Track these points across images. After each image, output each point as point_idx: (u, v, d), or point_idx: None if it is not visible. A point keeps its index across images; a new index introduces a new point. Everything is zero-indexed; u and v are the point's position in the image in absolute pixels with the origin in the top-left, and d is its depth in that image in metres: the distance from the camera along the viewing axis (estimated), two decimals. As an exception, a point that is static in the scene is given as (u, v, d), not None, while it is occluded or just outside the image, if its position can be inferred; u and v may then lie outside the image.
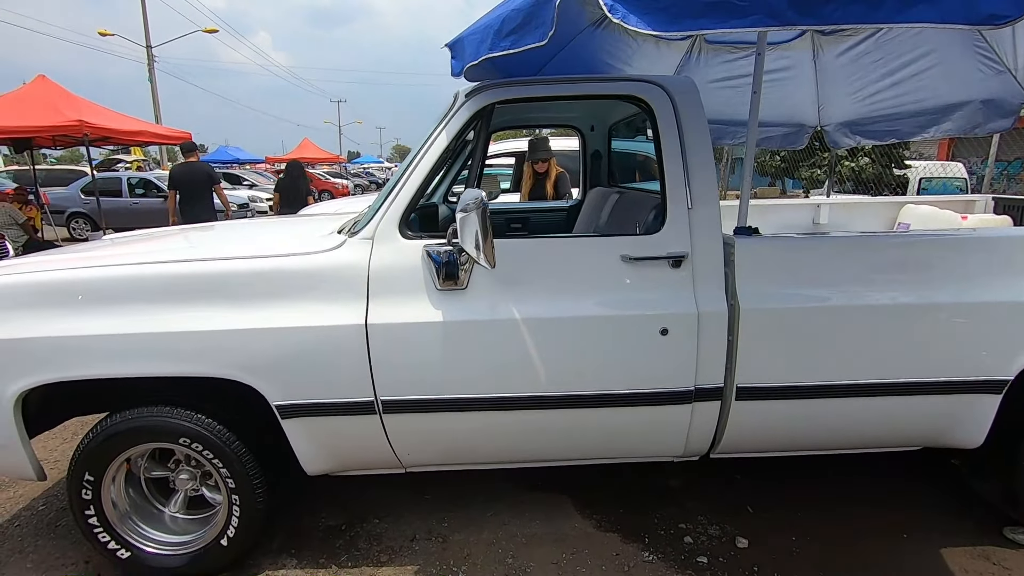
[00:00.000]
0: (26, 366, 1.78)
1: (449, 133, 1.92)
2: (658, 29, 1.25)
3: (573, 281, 1.87)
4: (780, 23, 1.24)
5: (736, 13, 1.23)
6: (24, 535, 2.26)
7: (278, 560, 2.08)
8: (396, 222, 1.88)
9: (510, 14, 1.53)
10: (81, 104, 8.77)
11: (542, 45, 1.43)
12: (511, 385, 1.86)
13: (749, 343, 1.88)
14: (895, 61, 2.61)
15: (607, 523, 2.26)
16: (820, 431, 2.03)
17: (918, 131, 2.94)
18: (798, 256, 1.94)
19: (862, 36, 2.60)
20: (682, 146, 1.90)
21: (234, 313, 1.80)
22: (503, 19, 1.55)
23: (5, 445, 1.86)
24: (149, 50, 23.75)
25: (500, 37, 1.55)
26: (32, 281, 1.83)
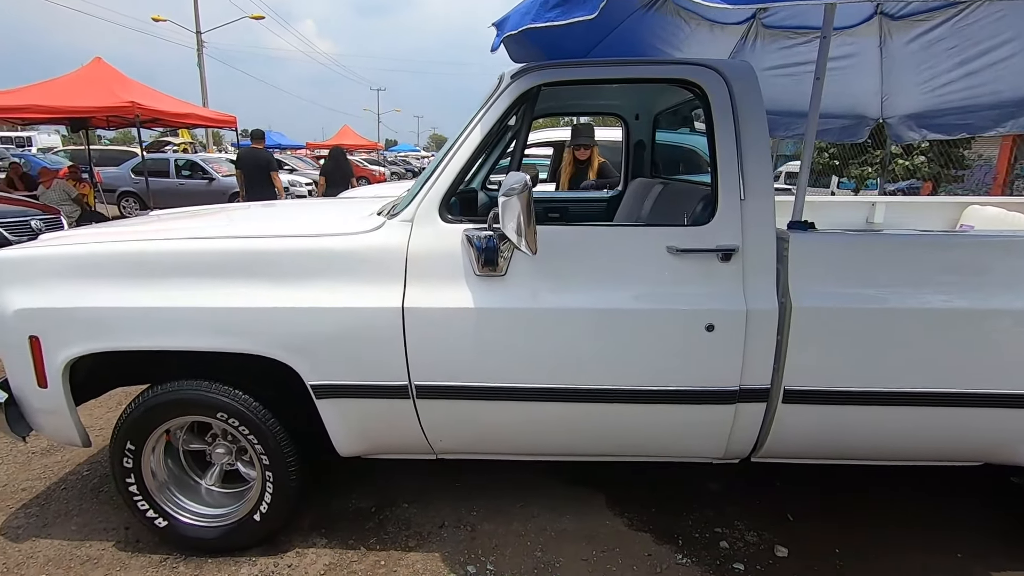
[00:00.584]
0: (74, 335, 1.83)
1: (493, 115, 1.87)
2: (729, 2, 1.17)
3: (616, 272, 1.81)
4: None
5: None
6: (70, 498, 2.34)
7: (308, 539, 2.09)
8: (436, 205, 1.85)
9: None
10: (134, 86, 9.06)
11: (591, 18, 1.37)
12: (548, 376, 1.81)
13: (800, 344, 1.79)
14: (972, 49, 2.41)
15: (640, 522, 2.20)
16: (870, 440, 1.92)
17: (992, 125, 2.73)
18: (856, 254, 1.83)
19: (937, 21, 2.42)
20: (737, 134, 1.80)
21: (273, 291, 1.80)
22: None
23: (53, 411, 1.92)
24: (199, 36, 24.40)
25: (546, 8, 1.49)
26: (83, 252, 1.87)
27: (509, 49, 1.99)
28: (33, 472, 2.53)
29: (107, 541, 2.08)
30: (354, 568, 1.95)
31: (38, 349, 1.86)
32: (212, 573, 1.92)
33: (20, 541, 2.08)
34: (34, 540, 2.08)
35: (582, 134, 4.27)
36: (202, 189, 12.30)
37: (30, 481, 2.46)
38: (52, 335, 1.84)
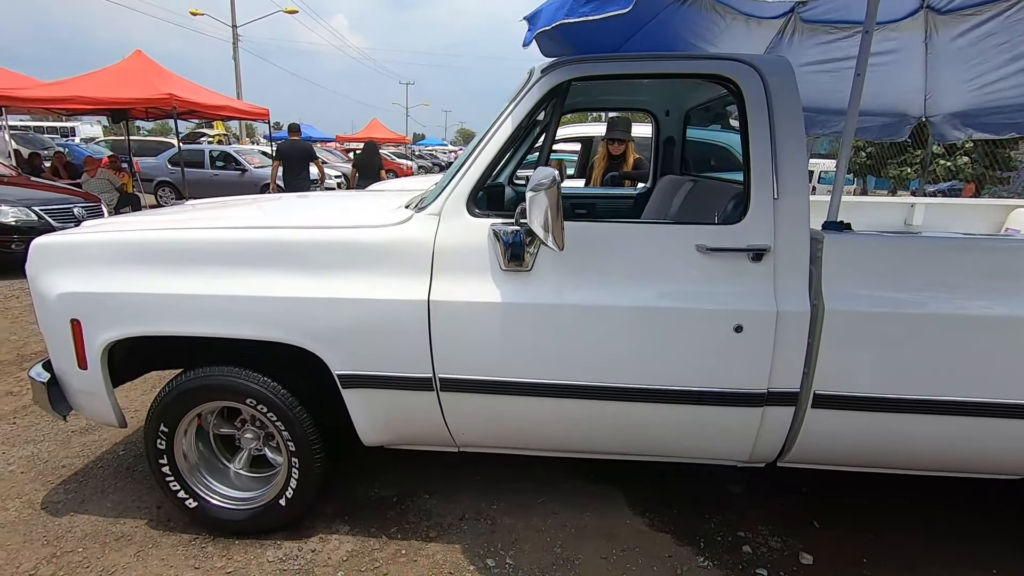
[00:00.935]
0: (113, 319, 1.89)
1: (523, 109, 1.86)
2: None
3: (643, 269, 1.79)
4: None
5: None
6: (106, 476, 2.43)
7: (331, 525, 2.13)
8: (464, 199, 1.85)
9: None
10: (172, 79, 9.31)
11: (625, 12, 1.35)
12: (572, 373, 1.80)
13: (832, 347, 1.74)
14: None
15: (660, 523, 2.19)
16: (903, 449, 1.86)
17: (1046, 125, 2.60)
18: (893, 256, 1.77)
19: (987, 15, 2.31)
20: (772, 131, 1.76)
21: (302, 281, 1.83)
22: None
23: (92, 392, 1.99)
24: (234, 29, 24.89)
25: (579, 3, 1.47)
26: (123, 240, 1.93)
27: (540, 44, 1.98)
28: (72, 450, 2.63)
29: (140, 519, 2.15)
30: (375, 556, 1.98)
31: (79, 332, 1.93)
32: (239, 554, 1.97)
33: (60, 516, 2.16)
34: (72, 515, 2.17)
35: (617, 127, 4.10)
36: (235, 180, 12.56)
37: (69, 459, 2.56)
38: (92, 319, 1.90)
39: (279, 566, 1.92)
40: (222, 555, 1.97)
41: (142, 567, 1.91)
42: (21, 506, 2.22)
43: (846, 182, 8.27)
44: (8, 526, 2.10)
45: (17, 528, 2.09)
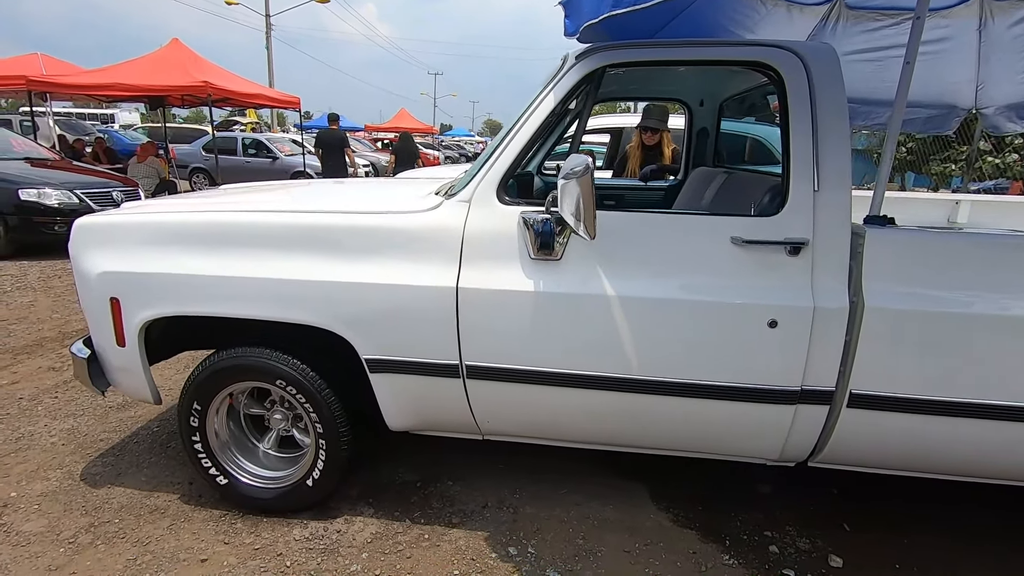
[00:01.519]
0: (151, 298, 1.94)
1: (556, 96, 1.84)
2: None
3: (675, 261, 1.75)
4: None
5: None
6: (140, 451, 2.51)
7: (356, 507, 2.16)
8: (494, 186, 1.84)
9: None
10: (207, 67, 9.49)
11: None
12: (600, 364, 1.78)
13: (870, 346, 1.69)
14: (1090, 31, 2.18)
15: (684, 519, 2.16)
16: (943, 454, 1.80)
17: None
18: (938, 253, 1.70)
19: (1049, 1, 2.20)
20: (814, 120, 1.70)
21: (333, 265, 1.85)
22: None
23: (129, 369, 2.05)
24: (268, 19, 25.24)
25: None
26: (162, 221, 1.97)
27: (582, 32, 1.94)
28: (110, 425, 2.72)
29: (173, 494, 2.22)
30: (399, 540, 2.00)
31: (118, 310, 1.98)
32: (267, 531, 2.02)
33: (97, 487, 2.24)
34: (109, 487, 2.24)
35: (652, 115, 3.95)
36: (266, 167, 12.79)
37: (107, 433, 2.64)
38: (131, 297, 1.96)
39: (305, 544, 1.96)
40: (251, 531, 2.02)
41: (175, 540, 1.97)
42: (62, 477, 2.30)
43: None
44: (50, 495, 2.18)
45: (58, 497, 2.17)
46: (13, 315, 4.20)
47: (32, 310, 4.33)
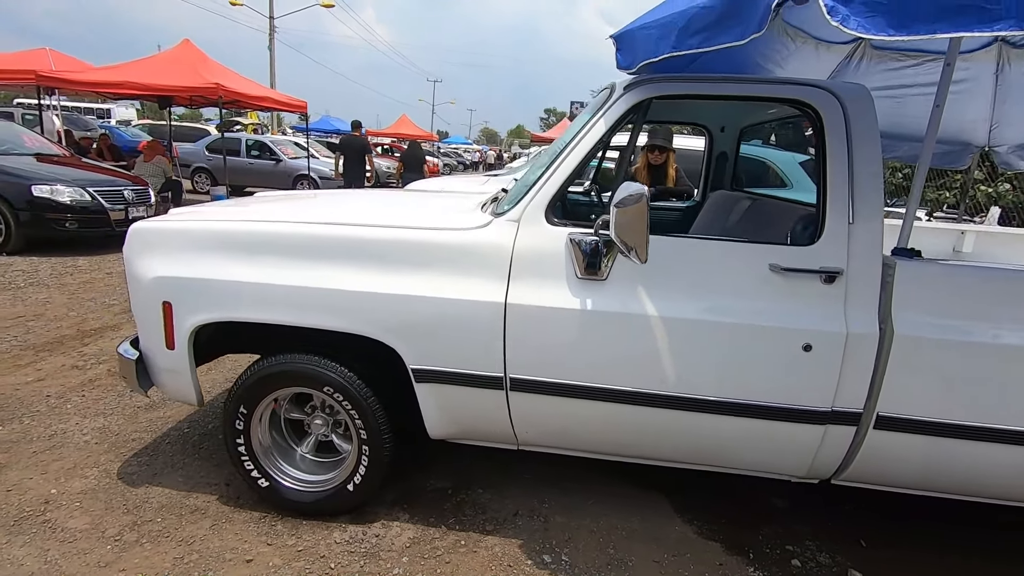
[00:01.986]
0: (204, 304, 2.00)
1: (604, 125, 1.93)
2: (882, 34, 1.19)
3: (716, 285, 1.85)
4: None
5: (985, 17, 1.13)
6: (174, 452, 2.55)
7: (392, 513, 2.22)
8: (543, 208, 1.93)
9: (699, 12, 1.51)
10: (216, 68, 9.55)
11: (740, 44, 1.41)
12: (641, 380, 1.87)
13: (898, 371, 1.78)
14: (1099, 82, 2.33)
15: (709, 531, 2.24)
16: (964, 475, 1.89)
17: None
18: (963, 286, 1.81)
19: (1064, 52, 2.34)
20: (850, 156, 1.81)
21: (386, 277, 1.92)
22: (690, 16, 1.53)
23: (177, 371, 2.10)
24: (271, 21, 25.32)
25: (687, 34, 1.53)
26: (217, 229, 2.04)
27: (617, 55, 2.04)
28: (140, 425, 2.75)
29: (211, 495, 2.26)
30: (437, 545, 2.06)
31: (169, 314, 2.04)
32: (308, 534, 2.07)
33: (136, 486, 2.28)
34: (147, 487, 2.28)
35: (658, 135, 4.12)
36: (269, 169, 12.81)
37: (138, 433, 2.68)
38: (183, 302, 2.02)
39: (346, 548, 2.01)
40: (291, 533, 2.07)
41: (218, 540, 2.01)
42: (99, 475, 2.34)
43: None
44: (90, 493, 2.22)
45: (98, 495, 2.21)
46: (30, 311, 4.21)
47: (48, 307, 4.35)
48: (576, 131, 1.99)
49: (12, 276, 5.08)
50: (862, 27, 1.19)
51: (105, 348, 3.64)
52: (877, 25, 1.19)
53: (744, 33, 1.38)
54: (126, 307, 4.47)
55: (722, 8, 1.44)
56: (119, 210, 6.32)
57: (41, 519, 2.06)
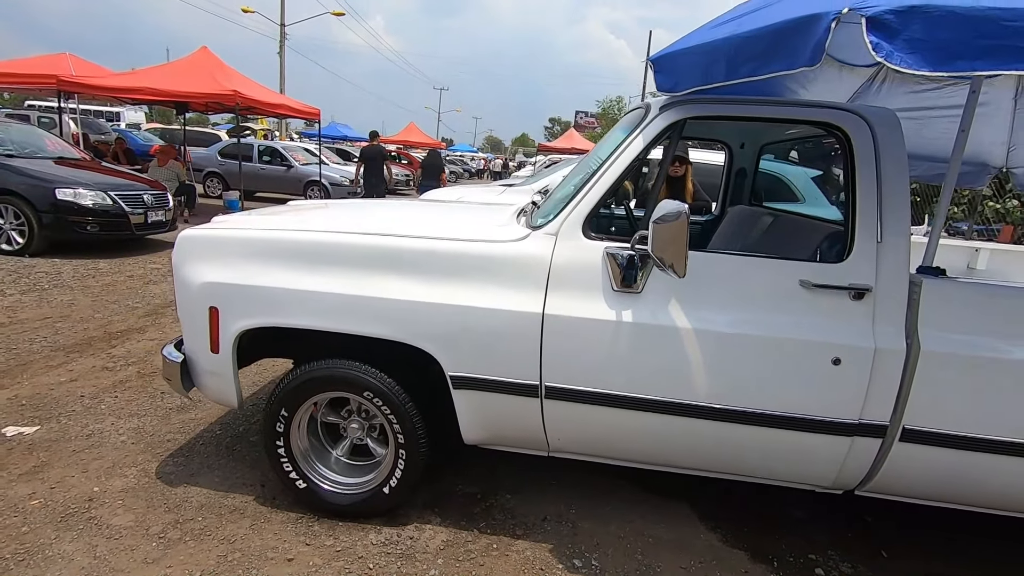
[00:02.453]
0: (250, 309, 2.07)
1: (641, 143, 2.01)
2: (926, 69, 1.26)
3: (748, 299, 1.91)
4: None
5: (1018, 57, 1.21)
6: (208, 453, 2.61)
7: (423, 516, 2.28)
8: (580, 222, 2.00)
9: (746, 40, 1.58)
10: (233, 75, 9.68)
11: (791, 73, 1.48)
12: (674, 391, 1.93)
13: (923, 386, 1.84)
14: (1116, 108, 2.40)
15: (733, 539, 2.29)
16: (986, 488, 1.95)
17: None
18: (986, 304, 1.87)
19: (1082, 78, 2.41)
20: (879, 178, 1.88)
21: (427, 287, 1.99)
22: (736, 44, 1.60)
23: (221, 374, 2.17)
24: (282, 28, 25.60)
25: (739, 62, 1.61)
26: (263, 237, 2.11)
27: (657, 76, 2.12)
28: (173, 426, 2.82)
29: (248, 495, 2.32)
30: (470, 548, 2.12)
31: (215, 319, 2.11)
32: (344, 535, 2.13)
33: (174, 486, 2.34)
34: (186, 486, 2.35)
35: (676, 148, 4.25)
36: (280, 175, 12.96)
37: (172, 434, 2.75)
38: (230, 307, 2.09)
39: (382, 549, 2.07)
40: (328, 534, 2.13)
41: (259, 539, 2.07)
42: (138, 474, 2.40)
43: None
44: (131, 492, 2.28)
45: (139, 494, 2.27)
46: (56, 313, 4.29)
47: (73, 308, 4.42)
48: (613, 148, 2.07)
49: (36, 278, 5.17)
50: (904, 63, 1.27)
51: (132, 350, 3.71)
52: (919, 62, 1.26)
53: (793, 64, 1.45)
54: (149, 310, 4.55)
55: (770, 38, 1.51)
56: (139, 214, 6.42)
57: (87, 516, 2.12)
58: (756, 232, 2.86)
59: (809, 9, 1.41)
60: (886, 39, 1.27)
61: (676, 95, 2.08)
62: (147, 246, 6.93)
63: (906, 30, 1.27)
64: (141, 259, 6.25)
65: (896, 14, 1.27)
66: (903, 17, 1.27)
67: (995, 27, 1.21)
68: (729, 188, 3.53)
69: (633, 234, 1.93)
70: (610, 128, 8.57)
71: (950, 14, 1.25)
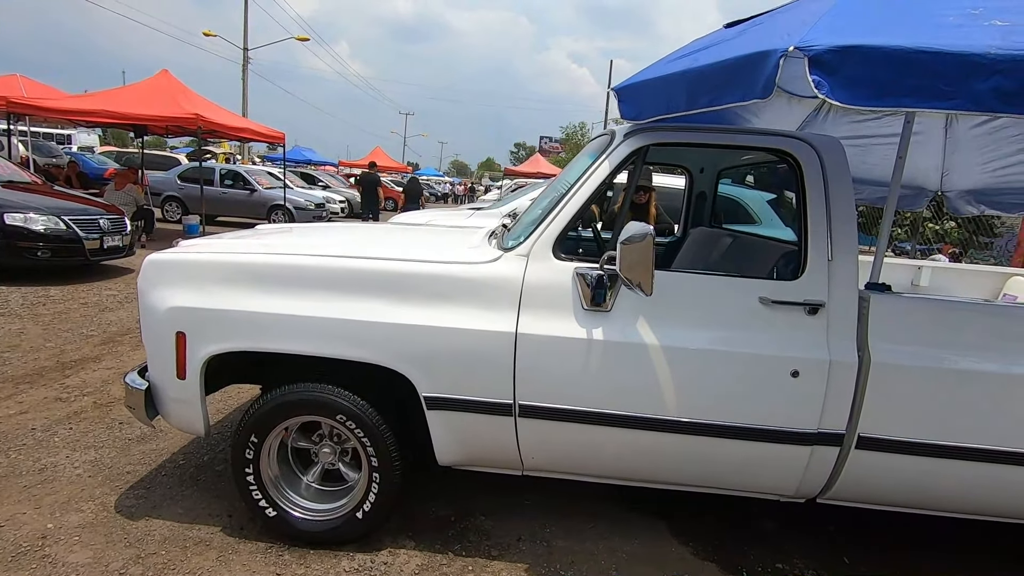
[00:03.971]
0: (219, 334, 2.04)
1: (606, 169, 2.10)
2: (859, 104, 1.39)
3: (711, 316, 2.00)
4: (980, 109, 1.36)
5: (939, 96, 1.35)
6: (171, 484, 2.52)
7: (397, 540, 2.25)
8: (551, 244, 2.06)
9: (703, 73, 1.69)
10: (195, 98, 9.56)
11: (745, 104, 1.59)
12: (645, 406, 1.99)
13: (875, 395, 1.95)
14: (1035, 138, 2.64)
15: (704, 552, 2.34)
16: (936, 491, 2.06)
17: (1049, 206, 2.94)
18: (931, 317, 2.01)
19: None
20: (827, 201, 2.01)
21: (400, 309, 2.01)
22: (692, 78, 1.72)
23: (187, 401, 2.12)
24: (245, 52, 25.42)
25: (698, 93, 1.71)
26: (232, 261, 2.10)
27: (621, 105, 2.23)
28: (133, 457, 2.71)
29: (214, 526, 2.25)
30: (444, 571, 2.10)
31: (183, 344, 2.07)
32: (316, 563, 2.08)
33: (135, 519, 2.25)
34: (148, 519, 2.26)
35: (641, 177, 4.41)
36: (243, 199, 12.73)
37: (132, 465, 2.64)
38: (198, 332, 2.05)
39: (356, 575, 2.04)
40: (300, 563, 2.08)
41: (227, 571, 2.01)
42: (96, 508, 2.30)
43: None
44: (88, 527, 2.18)
45: (97, 529, 2.18)
46: (4, 343, 4.09)
47: (23, 338, 4.23)
48: (580, 173, 2.15)
49: (-19, 306, 4.92)
50: (841, 98, 1.39)
51: (88, 380, 3.57)
52: (854, 97, 1.39)
53: (747, 96, 1.57)
54: (105, 338, 4.39)
55: (726, 73, 1.63)
56: (94, 239, 6.20)
57: (40, 554, 2.02)
58: (717, 252, 2.99)
59: (759, 47, 1.53)
60: (826, 76, 1.40)
61: (639, 123, 2.19)
62: (103, 272, 6.69)
63: (843, 68, 1.40)
64: (96, 285, 6.02)
65: (834, 53, 1.40)
66: (840, 56, 1.40)
67: (920, 68, 1.36)
68: (690, 211, 3.67)
69: (601, 255, 2.00)
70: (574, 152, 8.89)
71: (882, 54, 1.39)
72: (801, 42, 1.44)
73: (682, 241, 3.66)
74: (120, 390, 3.33)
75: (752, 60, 1.54)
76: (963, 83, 1.35)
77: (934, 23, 1.45)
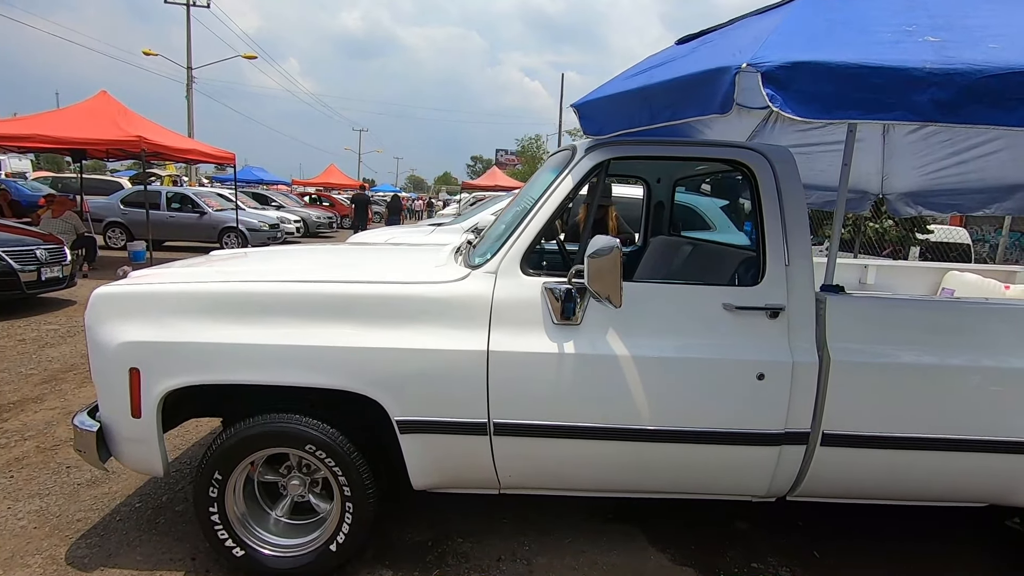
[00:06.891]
0: (176, 368, 1.95)
1: (568, 184, 2.12)
2: (811, 117, 1.46)
3: (678, 324, 2.04)
4: (920, 119, 1.45)
5: (883, 108, 1.44)
6: (128, 529, 2.38)
7: (374, 570, 2.18)
8: (518, 260, 2.07)
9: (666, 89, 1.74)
10: (136, 119, 9.19)
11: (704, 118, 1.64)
12: (617, 417, 2.00)
13: (836, 393, 2.03)
14: (964, 143, 2.83)
15: (681, 557, 2.36)
16: (896, 482, 2.15)
17: (979, 207, 3.15)
18: (883, 315, 2.11)
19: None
20: (781, 208, 2.09)
21: (367, 332, 1.97)
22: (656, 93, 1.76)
23: (143, 440, 2.01)
24: (190, 71, 24.68)
25: (659, 108, 1.76)
26: (185, 291, 2.01)
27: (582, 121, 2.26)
28: (83, 503, 2.55)
29: (177, 571, 2.13)
30: (425, 598, 2.05)
31: (137, 381, 1.96)
32: (289, 602, 1.99)
33: (89, 570, 2.11)
34: (103, 570, 2.12)
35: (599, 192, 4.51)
36: (193, 222, 12.29)
37: (83, 512, 2.48)
38: (153, 367, 1.95)
39: (333, 612, 1.96)
40: (272, 604, 1.99)
41: (193, 619, 1.90)
42: (44, 562, 2.14)
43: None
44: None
45: (46, 585, 2.03)
46: (-69, 387, 3.79)
47: (-47, 381, 3.93)
48: (544, 188, 2.17)
49: (-97, 348, 4.55)
50: (794, 111, 1.46)
51: (29, 423, 3.34)
52: (806, 111, 1.46)
53: (706, 111, 1.62)
54: (47, 376, 4.13)
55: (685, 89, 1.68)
56: (30, 271, 5.86)
57: (-18, 618, 1.86)
58: (678, 260, 3.06)
59: (714, 63, 1.58)
60: (778, 91, 1.46)
61: (600, 138, 2.23)
62: (42, 305, 6.31)
63: (793, 83, 1.47)
64: (35, 320, 5.67)
65: (784, 69, 1.47)
66: (790, 72, 1.47)
67: (864, 83, 1.44)
68: (650, 220, 3.76)
69: (567, 269, 2.02)
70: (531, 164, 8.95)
71: (827, 69, 1.47)
72: (753, 59, 1.50)
73: (643, 250, 3.74)
74: (67, 432, 3.14)
75: (708, 76, 1.59)
76: (904, 95, 1.44)
77: (874, 40, 1.54)
